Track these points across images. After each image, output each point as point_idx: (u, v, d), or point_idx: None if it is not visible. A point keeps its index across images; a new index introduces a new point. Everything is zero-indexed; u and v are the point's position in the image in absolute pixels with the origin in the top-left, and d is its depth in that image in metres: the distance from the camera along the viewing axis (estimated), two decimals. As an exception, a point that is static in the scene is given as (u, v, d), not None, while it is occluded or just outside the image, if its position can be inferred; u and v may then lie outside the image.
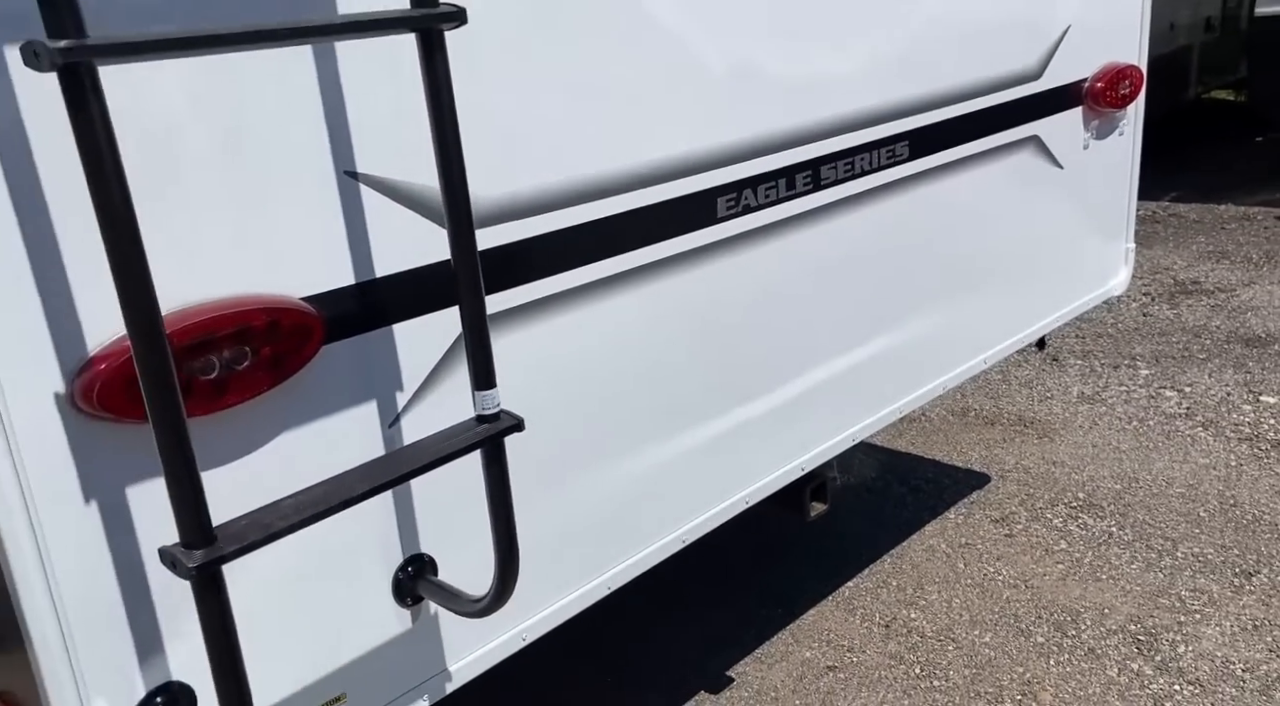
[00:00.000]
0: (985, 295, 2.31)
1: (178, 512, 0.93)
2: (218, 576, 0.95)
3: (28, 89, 0.93)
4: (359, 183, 1.20)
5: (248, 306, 1.09)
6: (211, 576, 0.95)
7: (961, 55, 2.05)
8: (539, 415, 1.38)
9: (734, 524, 1.92)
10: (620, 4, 1.42)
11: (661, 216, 1.55)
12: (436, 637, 1.40)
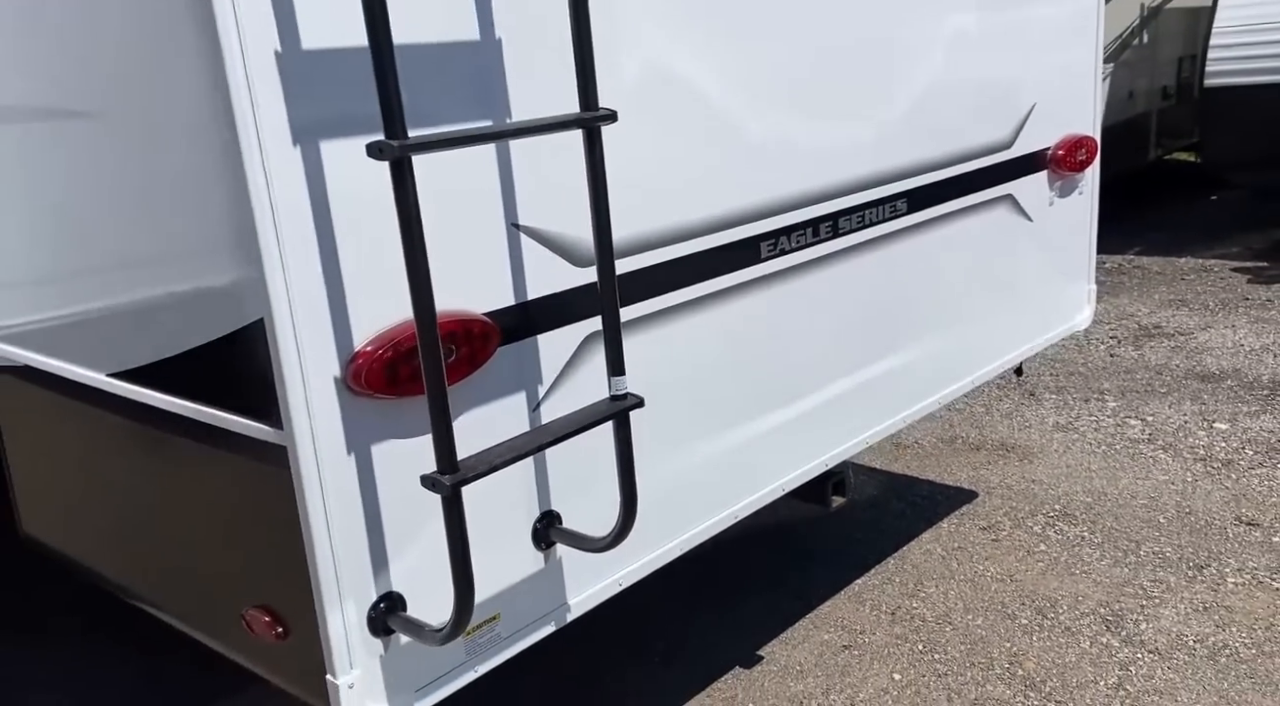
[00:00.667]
0: (971, 325, 2.80)
1: (438, 451, 1.38)
2: (459, 495, 1.39)
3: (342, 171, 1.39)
4: (520, 232, 1.66)
5: (454, 318, 1.54)
6: (457, 494, 1.39)
7: (949, 129, 2.56)
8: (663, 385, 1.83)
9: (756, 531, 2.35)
10: (700, 112, 1.91)
11: (721, 256, 2.03)
12: (560, 579, 1.82)
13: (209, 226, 1.42)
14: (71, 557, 2.11)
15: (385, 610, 1.55)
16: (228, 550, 1.67)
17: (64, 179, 1.66)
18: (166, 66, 1.38)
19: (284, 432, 1.43)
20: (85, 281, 1.75)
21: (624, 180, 1.73)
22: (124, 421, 1.79)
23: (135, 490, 1.86)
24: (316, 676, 1.54)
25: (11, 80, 1.70)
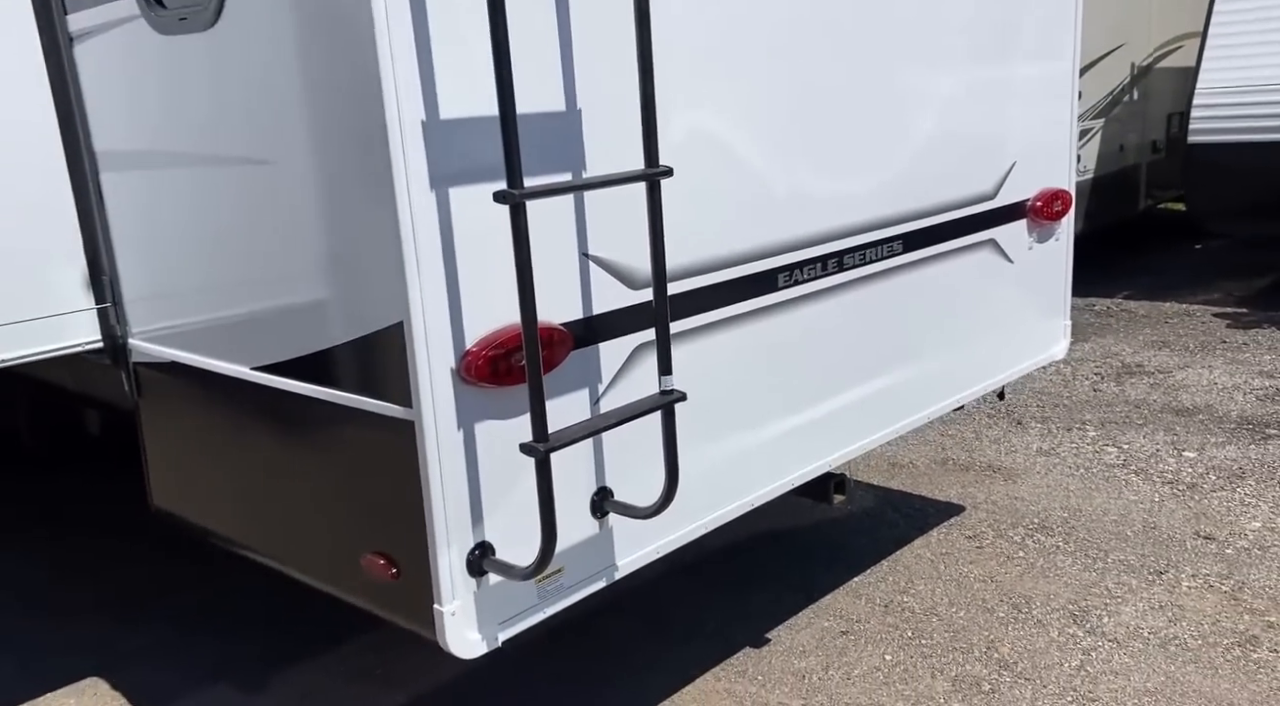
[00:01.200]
0: (959, 351, 3.23)
1: (535, 426, 1.81)
2: (549, 459, 1.82)
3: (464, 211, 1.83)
4: (589, 260, 2.10)
5: (541, 327, 1.96)
6: (547, 459, 1.81)
7: (940, 182, 3.01)
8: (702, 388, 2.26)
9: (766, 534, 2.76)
10: (732, 167, 2.36)
11: (746, 284, 2.46)
12: (611, 544, 2.24)
13: (362, 250, 1.86)
14: (200, 525, 2.53)
15: (480, 555, 1.96)
16: (350, 508, 2.09)
17: (232, 210, 2.10)
18: (339, 128, 1.82)
19: (412, 411, 1.86)
20: (237, 292, 2.18)
21: (671, 221, 2.16)
22: (259, 406, 2.22)
23: (264, 463, 2.29)
24: (424, 607, 1.95)
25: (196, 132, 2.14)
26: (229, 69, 1.99)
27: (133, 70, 2.21)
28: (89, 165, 2.40)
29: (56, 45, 2.33)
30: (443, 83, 1.77)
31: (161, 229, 2.33)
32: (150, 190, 2.32)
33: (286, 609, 3.47)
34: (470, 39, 1.78)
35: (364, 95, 1.74)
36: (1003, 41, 3.16)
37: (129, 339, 2.51)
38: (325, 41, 1.78)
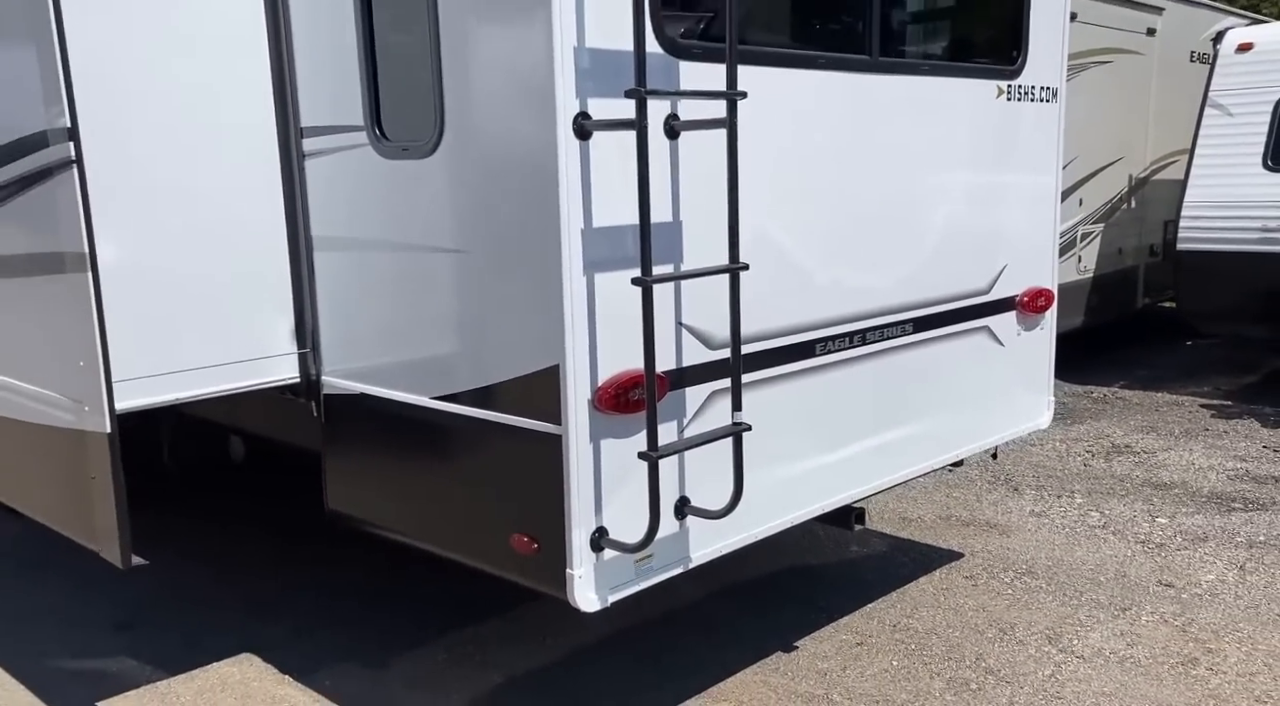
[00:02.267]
0: (958, 415, 4.02)
1: (649, 438, 2.61)
2: (657, 464, 2.63)
3: (604, 289, 2.68)
4: (682, 327, 2.93)
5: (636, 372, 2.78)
6: (656, 463, 2.62)
7: (945, 279, 3.85)
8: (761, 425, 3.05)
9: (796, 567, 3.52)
10: (785, 262, 3.21)
11: (794, 350, 3.29)
12: (687, 540, 3.02)
13: (533, 313, 2.69)
14: (369, 520, 3.33)
15: (599, 535, 2.75)
16: (503, 500, 2.88)
17: (428, 282, 2.95)
18: (524, 231, 2.68)
19: (560, 427, 2.68)
20: (424, 341, 3.02)
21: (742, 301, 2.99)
22: (433, 426, 3.03)
23: (432, 469, 3.09)
24: (558, 573, 2.74)
25: (406, 227, 3.01)
26: (439, 185, 2.86)
27: (354, 181, 3.09)
28: (305, 246, 3.27)
29: (290, 160, 3.22)
30: (597, 203, 2.63)
31: (359, 293, 3.19)
32: (353, 266, 3.18)
33: (399, 606, 4.25)
34: (616, 176, 2.64)
35: (544, 212, 2.60)
36: (996, 165, 4.04)
37: (322, 376, 3.34)
38: (520, 174, 2.65)
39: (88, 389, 2.88)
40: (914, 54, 3.70)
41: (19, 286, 3.17)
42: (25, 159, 2.89)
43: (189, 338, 3.07)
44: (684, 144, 2.81)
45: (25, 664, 3.86)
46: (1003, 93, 3.95)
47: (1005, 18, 3.98)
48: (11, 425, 3.39)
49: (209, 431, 4.52)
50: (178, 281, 3.02)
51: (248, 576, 4.66)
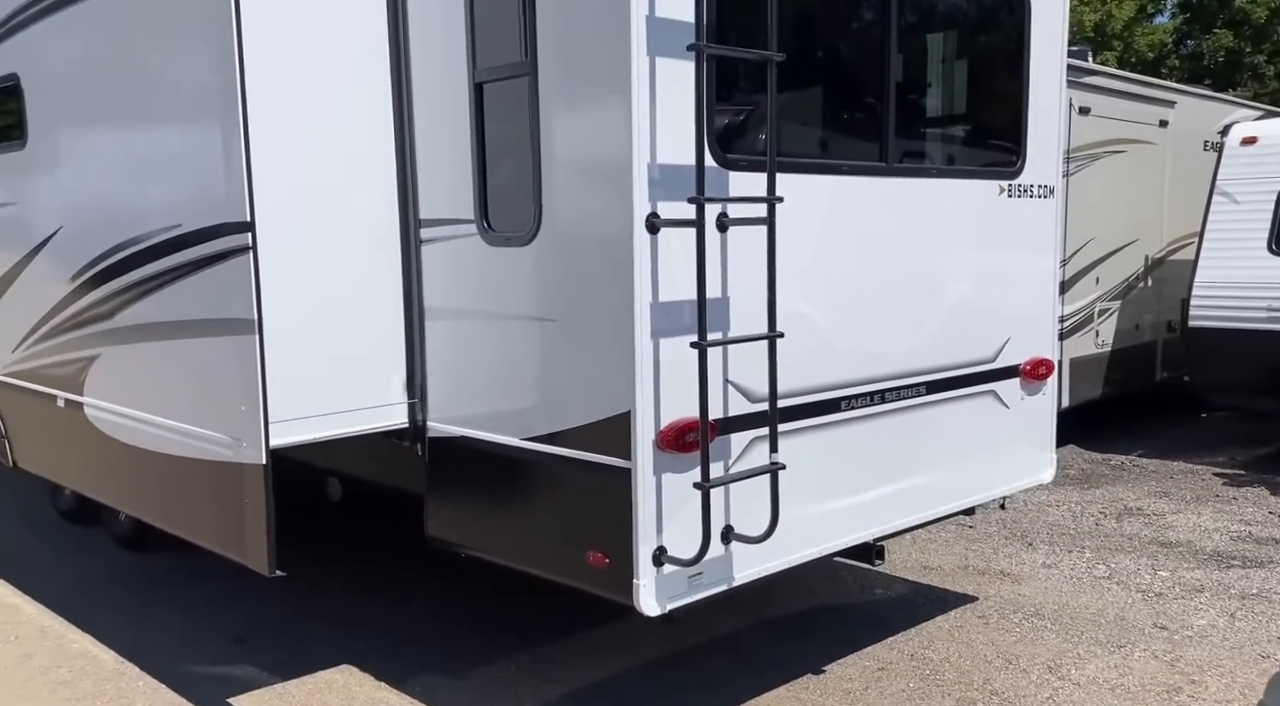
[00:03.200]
0: (967, 468, 4.61)
1: (703, 472, 3.26)
2: (709, 493, 3.26)
3: (668, 351, 3.36)
4: (729, 383, 3.59)
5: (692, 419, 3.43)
6: (707, 493, 3.26)
7: (954, 349, 4.47)
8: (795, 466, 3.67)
9: (824, 605, 4.11)
10: (815, 331, 3.87)
11: (823, 406, 3.93)
12: (730, 562, 3.63)
13: (610, 369, 3.36)
14: (464, 543, 3.97)
15: (660, 552, 3.38)
16: (581, 523, 3.52)
17: (523, 346, 3.64)
18: (604, 305, 3.36)
19: (630, 463, 3.32)
20: (517, 393, 3.70)
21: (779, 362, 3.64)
22: (523, 462, 3.69)
23: (523, 498, 3.75)
24: (625, 583, 3.36)
25: (506, 300, 3.72)
26: (535, 267, 3.57)
27: (462, 262, 3.81)
28: (418, 314, 3.98)
29: (409, 245, 3.95)
30: (663, 283, 3.32)
31: (462, 352, 3.88)
32: (457, 330, 3.88)
33: (477, 626, 4.87)
34: (678, 262, 3.32)
35: (621, 290, 3.29)
36: (999, 252, 4.68)
37: (427, 421, 4.03)
38: (602, 260, 3.34)
39: (247, 428, 3.59)
40: (924, 160, 4.39)
41: (188, 344, 3.91)
42: (209, 243, 3.65)
43: (325, 388, 3.78)
44: (732, 236, 3.50)
45: (164, 669, 4.51)
46: (1004, 191, 4.62)
47: (1005, 128, 4.67)
48: (171, 460, 4.10)
49: (309, 473, 5.21)
50: (319, 342, 3.75)
51: (344, 599, 5.30)
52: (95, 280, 4.37)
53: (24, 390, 5.15)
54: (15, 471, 5.60)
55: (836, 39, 4.17)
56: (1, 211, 5.11)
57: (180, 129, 3.86)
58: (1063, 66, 4.88)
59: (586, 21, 3.29)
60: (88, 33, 4.26)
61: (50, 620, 5.08)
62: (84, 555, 6.08)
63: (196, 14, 3.58)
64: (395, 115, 3.86)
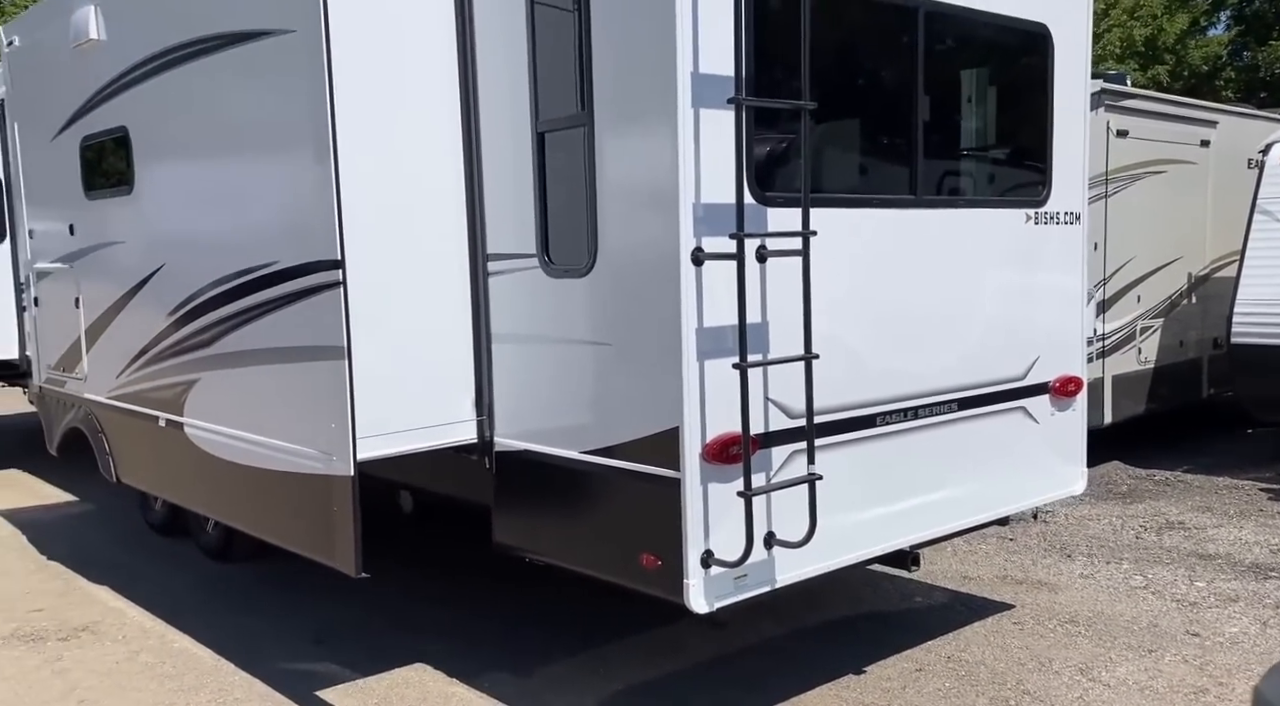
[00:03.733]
0: (1000, 481, 4.88)
1: (745, 480, 3.60)
2: (752, 500, 3.60)
3: (711, 374, 3.71)
4: (769, 400, 3.93)
5: (734, 432, 3.77)
6: (750, 501, 3.60)
7: (985, 367, 4.76)
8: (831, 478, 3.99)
9: (868, 610, 4.43)
10: (850, 351, 4.19)
11: (858, 421, 4.25)
12: (773, 565, 3.96)
13: (661, 389, 3.72)
14: (528, 548, 4.35)
15: (707, 555, 3.72)
16: (635, 528, 3.88)
17: (581, 366, 4.02)
18: (655, 331, 3.73)
19: (679, 473, 3.68)
20: (578, 412, 4.07)
21: (816, 382, 3.98)
22: (583, 473, 4.06)
23: (581, 506, 4.12)
24: (676, 583, 3.70)
25: (565, 325, 4.12)
26: (591, 296, 3.95)
27: (526, 292, 4.21)
28: (485, 339, 4.39)
29: (478, 277, 4.36)
30: (707, 310, 3.68)
31: (525, 373, 4.27)
32: (521, 353, 4.28)
33: (539, 629, 5.25)
34: (721, 291, 3.68)
35: (669, 317, 3.65)
36: (1027, 276, 4.96)
37: (494, 437, 4.42)
38: (652, 290, 3.71)
39: (337, 444, 4.01)
40: (953, 192, 4.71)
41: (282, 369, 4.35)
42: (303, 278, 4.10)
43: (404, 407, 4.20)
44: (771, 266, 3.85)
45: (255, 666, 4.95)
46: (1030, 219, 4.92)
47: (1031, 160, 4.97)
48: (265, 473, 4.54)
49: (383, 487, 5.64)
50: (400, 366, 4.17)
51: (414, 604, 5.72)
52: (196, 312, 4.86)
53: (127, 411, 5.66)
54: (117, 485, 6.11)
55: (866, 82, 4.52)
56: (109, 250, 5.65)
57: (277, 177, 4.32)
58: (1086, 99, 5.18)
59: (637, 78, 3.68)
60: (190, 91, 4.76)
61: (151, 622, 5.56)
62: (174, 564, 6.58)
63: (294, 80, 4.03)
64: (466, 162, 4.29)
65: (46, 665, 5.00)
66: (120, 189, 5.43)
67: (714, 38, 3.58)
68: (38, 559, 6.77)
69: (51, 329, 6.45)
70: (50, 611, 5.75)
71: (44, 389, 6.71)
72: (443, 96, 4.24)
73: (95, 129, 5.57)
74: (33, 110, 6.37)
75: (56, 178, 6.07)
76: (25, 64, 6.36)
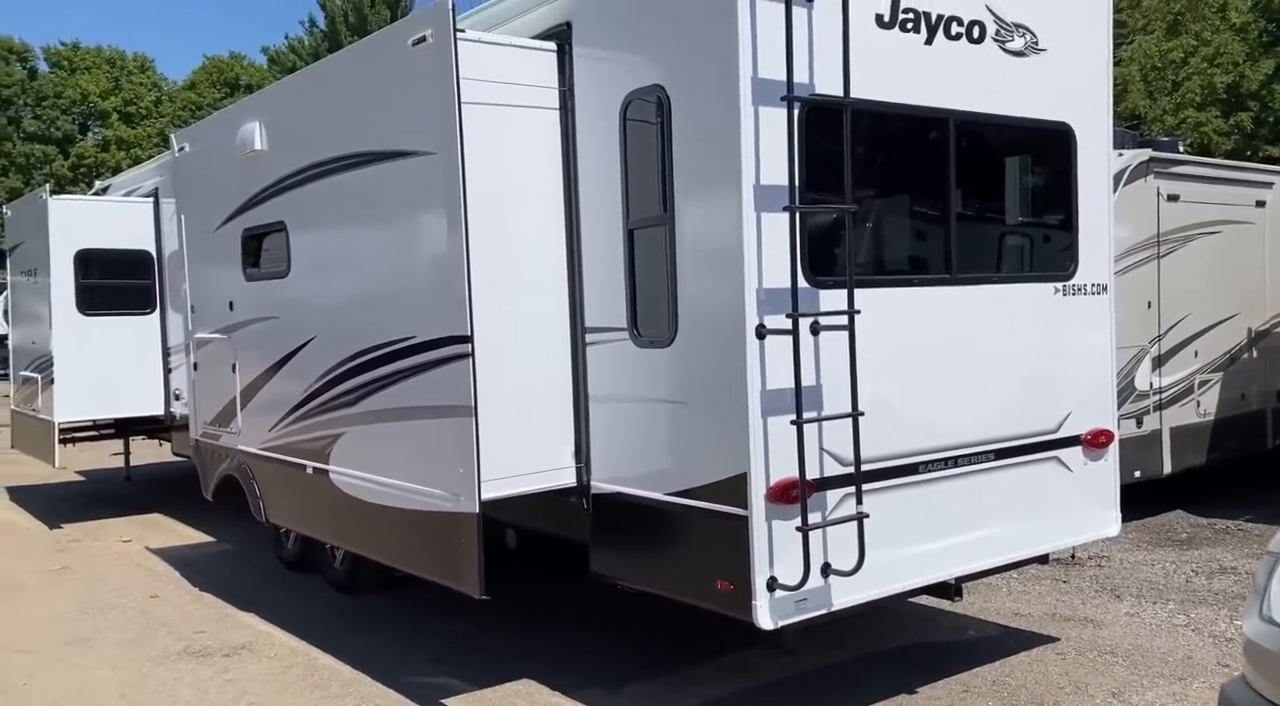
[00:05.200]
0: (1036, 522, 5.53)
1: (803, 519, 4.38)
2: (809, 535, 4.38)
3: (772, 431, 4.51)
4: (823, 451, 4.70)
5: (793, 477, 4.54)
6: (807, 535, 4.37)
7: (1020, 421, 5.44)
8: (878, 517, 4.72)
9: (924, 644, 5.12)
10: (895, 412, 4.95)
11: (902, 469, 4.98)
12: (829, 591, 4.69)
13: (731, 442, 4.52)
14: (620, 577, 5.17)
15: (772, 581, 4.48)
16: (711, 558, 4.66)
17: (668, 420, 4.85)
18: (726, 394, 4.55)
19: (748, 511, 4.47)
20: (679, 462, 4.90)
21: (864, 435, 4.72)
22: (665, 512, 4.87)
23: (665, 539, 4.92)
24: (746, 604, 4.47)
25: (646, 386, 4.97)
26: (672, 363, 4.79)
27: (618, 360, 5.07)
28: (583, 398, 5.26)
29: (578, 346, 5.25)
30: (769, 375, 4.48)
31: (617, 426, 5.12)
32: (614, 410, 5.13)
33: (629, 650, 6.03)
34: (780, 360, 4.48)
35: (737, 381, 4.47)
36: (1057, 340, 5.64)
37: (591, 481, 5.27)
38: (723, 359, 4.53)
39: (465, 486, 4.90)
40: (984, 270, 5.45)
41: (417, 424, 5.29)
42: (438, 350, 5.04)
43: (519, 455, 5.08)
44: (823, 338, 4.64)
45: (386, 678, 5.84)
46: (1059, 290, 5.62)
47: (1058, 240, 5.69)
48: (401, 512, 5.46)
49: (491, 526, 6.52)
50: (515, 421, 5.06)
51: (518, 628, 6.55)
52: (343, 376, 5.85)
53: (277, 461, 6.67)
54: (266, 524, 7.12)
55: (905, 180, 5.33)
56: (266, 324, 6.71)
57: (416, 266, 5.30)
58: (1109, 183, 5.89)
59: (710, 188, 4.55)
60: (343, 195, 5.80)
61: (296, 642, 6.51)
62: (307, 595, 7.55)
63: (433, 192, 5.00)
64: (569, 253, 5.21)
65: (217, 675, 5.96)
66: (277, 273, 6.50)
67: (772, 155, 4.44)
68: (192, 590, 7.82)
69: (209, 390, 7.55)
70: (211, 633, 6.75)
71: (200, 442, 7.81)
72: (550, 200, 5.18)
73: (256, 223, 6.69)
74: (198, 205, 7.56)
75: (219, 262, 7.20)
76: (193, 166, 7.57)
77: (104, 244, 9.87)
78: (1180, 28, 27.46)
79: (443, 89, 4.76)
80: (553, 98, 5.18)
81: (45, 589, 8.03)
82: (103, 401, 9.95)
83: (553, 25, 5.24)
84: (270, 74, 48.23)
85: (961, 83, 5.09)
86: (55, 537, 9.90)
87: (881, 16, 4.77)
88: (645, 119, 4.89)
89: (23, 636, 6.79)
